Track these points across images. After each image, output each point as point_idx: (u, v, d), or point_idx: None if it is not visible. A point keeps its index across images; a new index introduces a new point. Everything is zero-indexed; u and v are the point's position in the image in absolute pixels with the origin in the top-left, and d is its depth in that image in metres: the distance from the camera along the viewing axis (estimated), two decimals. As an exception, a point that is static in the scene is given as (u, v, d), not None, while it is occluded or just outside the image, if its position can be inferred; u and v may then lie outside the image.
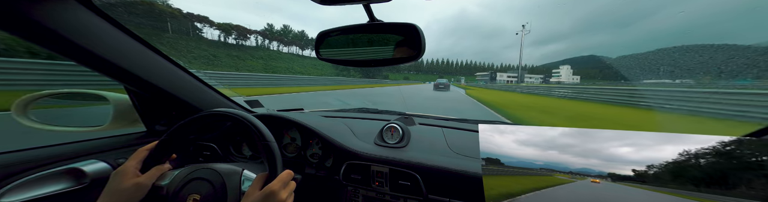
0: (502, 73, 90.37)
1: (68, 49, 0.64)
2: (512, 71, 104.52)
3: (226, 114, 0.63)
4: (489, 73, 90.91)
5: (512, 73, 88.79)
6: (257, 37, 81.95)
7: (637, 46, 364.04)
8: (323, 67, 77.51)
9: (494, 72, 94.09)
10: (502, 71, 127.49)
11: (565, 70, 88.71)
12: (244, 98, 1.30)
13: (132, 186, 0.56)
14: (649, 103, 6.99)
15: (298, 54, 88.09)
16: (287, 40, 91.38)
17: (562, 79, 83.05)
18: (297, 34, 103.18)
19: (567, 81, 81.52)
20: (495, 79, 78.07)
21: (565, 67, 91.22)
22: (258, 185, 0.54)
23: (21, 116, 0.83)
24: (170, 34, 69.42)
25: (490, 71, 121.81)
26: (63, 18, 0.59)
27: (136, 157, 0.61)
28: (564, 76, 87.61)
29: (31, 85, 4.70)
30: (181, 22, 73.34)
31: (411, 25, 0.54)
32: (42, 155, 0.76)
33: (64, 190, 0.73)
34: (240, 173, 0.61)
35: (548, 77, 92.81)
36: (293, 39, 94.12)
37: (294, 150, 1.03)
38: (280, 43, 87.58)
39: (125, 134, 0.99)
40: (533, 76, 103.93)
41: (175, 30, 72.07)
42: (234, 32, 74.92)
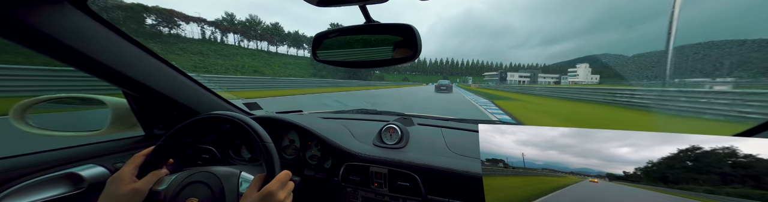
0: (513, 73, 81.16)
1: (65, 54, 0.64)
2: (524, 71, 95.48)
3: (223, 117, 0.63)
4: (498, 73, 79.95)
5: (524, 73, 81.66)
6: (205, 28, 62.61)
7: (656, 43, 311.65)
8: (295, 67, 63.90)
9: (504, 72, 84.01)
10: (513, 71, 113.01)
11: (583, 68, 74.99)
12: (243, 101, 1.30)
13: (128, 192, 0.56)
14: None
15: (265, 50, 72.24)
16: (254, 34, 74.12)
17: (580, 79, 71.13)
18: (269, 28, 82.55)
19: (585, 81, 70.07)
20: (505, 80, 69.52)
21: (582, 66, 76.55)
22: (256, 186, 0.54)
23: (19, 121, 0.82)
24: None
25: (500, 71, 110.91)
26: (59, 22, 0.59)
27: (133, 162, 0.61)
28: (582, 76, 74.24)
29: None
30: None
31: (407, 25, 0.55)
32: (39, 160, 0.75)
33: (61, 195, 0.72)
34: (238, 176, 0.61)
35: (563, 77, 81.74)
36: (263, 33, 77.30)
37: (293, 152, 1.03)
38: (244, 36, 70.76)
39: (123, 138, 0.98)
40: (547, 76, 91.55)
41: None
42: (152, 17, 53.32)
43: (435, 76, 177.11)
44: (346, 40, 0.64)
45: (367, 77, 42.84)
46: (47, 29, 0.57)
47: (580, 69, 72.14)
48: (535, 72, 75.55)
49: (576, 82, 65.66)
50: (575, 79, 66.75)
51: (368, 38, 0.62)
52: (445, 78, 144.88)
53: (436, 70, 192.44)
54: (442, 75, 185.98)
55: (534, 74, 73.80)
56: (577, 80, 66.15)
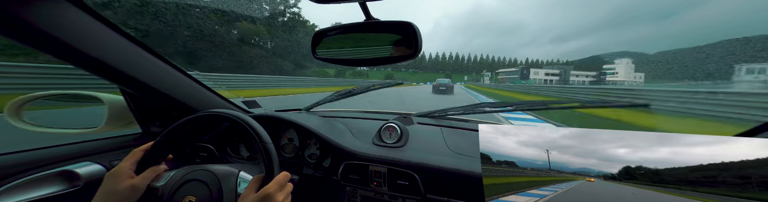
0: (537, 70, 59.03)
1: (61, 51, 0.63)
2: (550, 67, 69.68)
3: (222, 115, 0.62)
4: (519, 70, 58.79)
5: (553, 70, 59.23)
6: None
7: (686, 39, 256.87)
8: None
9: (526, 68, 62.40)
10: (535, 67, 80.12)
11: (624, 65, 54.63)
12: (242, 99, 1.29)
13: (126, 188, 0.55)
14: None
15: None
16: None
17: (621, 79, 51.78)
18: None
19: (628, 81, 50.47)
20: (528, 78, 51.97)
21: (623, 62, 56.15)
22: (254, 187, 0.53)
23: (14, 117, 0.82)
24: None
25: (521, 66, 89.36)
26: (56, 19, 0.58)
27: (131, 158, 0.60)
28: (622, 75, 53.69)
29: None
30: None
31: (407, 23, 0.54)
32: (35, 157, 0.75)
33: (56, 193, 0.72)
34: (236, 175, 0.60)
35: (603, 75, 58.62)
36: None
37: (292, 150, 1.02)
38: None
39: (120, 136, 0.97)
40: (581, 74, 65.54)
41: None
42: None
43: (436, 74, 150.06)
44: (345, 38, 0.63)
45: (296, 72, 26.36)
46: (44, 26, 0.56)
47: (619, 65, 52.61)
48: (566, 69, 55.35)
49: (615, 82, 51.36)
50: (614, 79, 51.24)
51: (368, 36, 0.61)
52: (448, 76, 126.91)
53: (436, 67, 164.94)
54: (443, 73, 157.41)
55: (565, 71, 53.74)
56: (616, 80, 50.48)
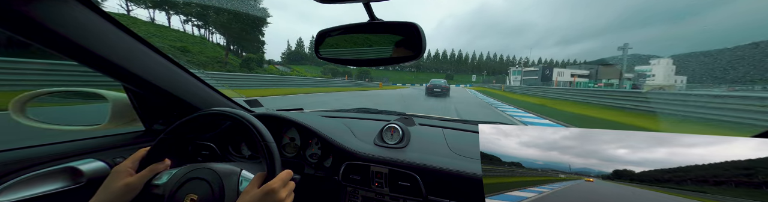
0: (561, 70, 45.48)
1: (66, 48, 0.63)
2: (575, 66, 55.87)
3: (225, 113, 0.63)
4: (540, 69, 44.14)
5: (581, 70, 45.44)
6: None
7: (705, 41, 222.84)
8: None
9: (548, 67, 46.17)
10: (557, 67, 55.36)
11: (664, 66, 43.65)
12: (244, 98, 1.29)
13: (122, 186, 0.56)
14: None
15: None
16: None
17: (659, 83, 41.22)
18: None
19: (668, 84, 39.05)
20: (550, 80, 40.30)
21: (663, 62, 44.46)
22: (257, 183, 0.53)
23: (18, 114, 0.82)
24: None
25: (542, 65, 69.23)
26: (61, 16, 0.58)
27: (134, 157, 0.61)
28: (661, 77, 43.34)
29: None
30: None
31: (411, 23, 0.54)
32: (38, 153, 0.75)
33: (59, 189, 0.72)
34: (238, 174, 0.60)
35: (642, 78, 42.92)
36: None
37: (293, 150, 1.02)
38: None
39: (123, 133, 0.98)
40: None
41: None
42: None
43: (436, 74, 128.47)
44: (348, 38, 0.63)
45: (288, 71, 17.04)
46: (49, 22, 0.57)
47: (656, 67, 42.70)
48: (596, 69, 43.23)
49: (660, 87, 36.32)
50: (650, 82, 41.17)
51: (371, 36, 0.61)
52: (449, 77, 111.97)
53: (436, 66, 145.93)
54: (444, 73, 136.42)
55: (596, 72, 42.13)
56: (654, 83, 40.33)
